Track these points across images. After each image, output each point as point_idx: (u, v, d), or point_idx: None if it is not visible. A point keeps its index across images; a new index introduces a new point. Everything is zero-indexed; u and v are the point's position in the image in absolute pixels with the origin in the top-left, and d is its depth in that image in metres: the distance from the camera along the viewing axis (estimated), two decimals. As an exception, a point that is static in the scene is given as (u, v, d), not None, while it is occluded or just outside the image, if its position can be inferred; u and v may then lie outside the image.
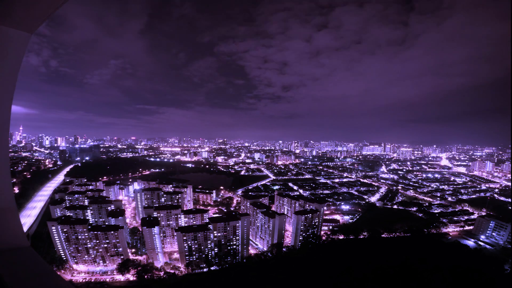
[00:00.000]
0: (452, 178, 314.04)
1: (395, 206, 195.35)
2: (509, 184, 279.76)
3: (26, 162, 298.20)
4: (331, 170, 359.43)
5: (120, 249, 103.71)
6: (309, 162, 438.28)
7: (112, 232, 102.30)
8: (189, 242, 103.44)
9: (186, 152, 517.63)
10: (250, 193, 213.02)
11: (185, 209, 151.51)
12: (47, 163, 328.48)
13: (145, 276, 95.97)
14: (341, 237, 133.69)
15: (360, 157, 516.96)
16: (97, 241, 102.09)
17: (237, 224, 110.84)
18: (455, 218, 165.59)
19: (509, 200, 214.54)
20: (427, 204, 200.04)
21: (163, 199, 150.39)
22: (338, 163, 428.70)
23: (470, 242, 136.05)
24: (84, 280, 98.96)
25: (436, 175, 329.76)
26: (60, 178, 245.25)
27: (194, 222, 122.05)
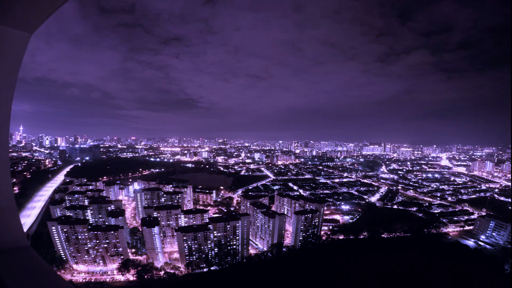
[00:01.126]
0: (452, 178, 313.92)
1: (395, 206, 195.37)
2: (509, 184, 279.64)
3: (26, 162, 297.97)
4: (331, 170, 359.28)
5: (120, 249, 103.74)
6: (309, 162, 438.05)
7: (112, 232, 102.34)
8: (189, 242, 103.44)
9: (186, 152, 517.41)
10: (250, 193, 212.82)
11: (185, 209, 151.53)
12: (47, 163, 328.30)
13: (145, 276, 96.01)
14: (341, 237, 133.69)
15: (360, 157, 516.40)
16: (97, 241, 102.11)
17: (237, 224, 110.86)
18: (455, 218, 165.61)
19: (509, 200, 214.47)
20: (427, 204, 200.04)
21: (163, 199, 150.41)
22: (338, 163, 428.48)
23: (470, 242, 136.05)
24: (84, 280, 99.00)
25: (436, 175, 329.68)
26: (60, 178, 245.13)
27: (194, 222, 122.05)
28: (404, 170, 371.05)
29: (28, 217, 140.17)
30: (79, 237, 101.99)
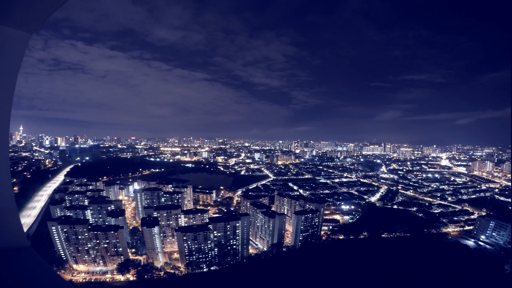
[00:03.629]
0: (452, 178, 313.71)
1: (395, 206, 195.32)
2: (509, 184, 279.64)
3: (26, 162, 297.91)
4: (331, 170, 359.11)
5: (120, 249, 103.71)
6: (309, 162, 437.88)
7: (112, 232, 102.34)
8: (189, 242, 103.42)
9: (186, 152, 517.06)
10: (250, 193, 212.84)
11: (185, 209, 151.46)
12: (47, 163, 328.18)
13: (145, 276, 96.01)
14: (341, 237, 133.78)
15: (360, 157, 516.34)
16: (97, 241, 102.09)
17: (237, 224, 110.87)
18: (455, 218, 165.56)
19: (509, 200, 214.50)
20: (427, 204, 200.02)
21: (163, 199, 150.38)
22: (338, 163, 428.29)
23: (470, 242, 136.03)
24: (84, 280, 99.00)
25: (436, 175, 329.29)
26: (60, 178, 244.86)
27: (194, 222, 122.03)
28: (404, 170, 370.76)
29: (28, 217, 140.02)
30: (79, 237, 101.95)
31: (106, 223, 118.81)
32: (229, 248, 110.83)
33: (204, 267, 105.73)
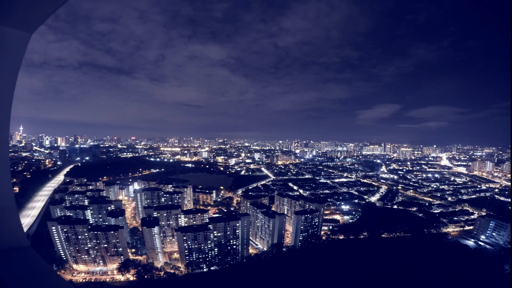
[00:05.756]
0: (452, 178, 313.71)
1: (395, 206, 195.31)
2: (509, 184, 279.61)
3: (26, 162, 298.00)
4: (331, 170, 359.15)
5: (120, 249, 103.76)
6: (309, 162, 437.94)
7: (112, 232, 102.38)
8: (189, 242, 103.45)
9: (186, 152, 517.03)
10: (250, 193, 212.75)
11: (185, 209, 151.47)
12: (47, 163, 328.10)
13: (145, 276, 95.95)
14: (341, 237, 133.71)
15: (360, 157, 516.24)
16: (97, 241, 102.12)
17: (237, 224, 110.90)
18: (455, 218, 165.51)
19: (509, 200, 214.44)
20: (427, 204, 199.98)
21: (163, 199, 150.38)
22: (338, 163, 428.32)
23: (470, 242, 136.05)
24: (84, 280, 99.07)
25: (436, 175, 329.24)
26: (60, 178, 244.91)
27: (194, 222, 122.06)
28: (404, 170, 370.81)
29: (28, 217, 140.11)
30: (79, 237, 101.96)
31: (106, 223, 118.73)
32: (229, 248, 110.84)
33: (204, 267, 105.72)
